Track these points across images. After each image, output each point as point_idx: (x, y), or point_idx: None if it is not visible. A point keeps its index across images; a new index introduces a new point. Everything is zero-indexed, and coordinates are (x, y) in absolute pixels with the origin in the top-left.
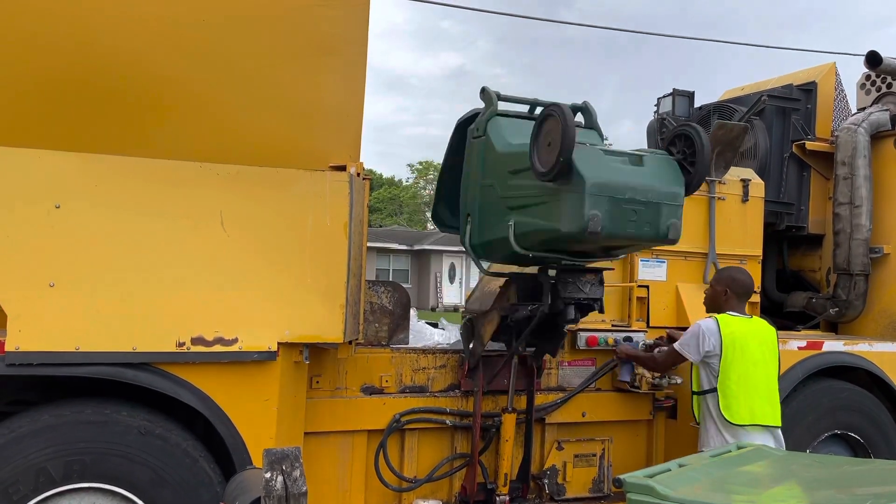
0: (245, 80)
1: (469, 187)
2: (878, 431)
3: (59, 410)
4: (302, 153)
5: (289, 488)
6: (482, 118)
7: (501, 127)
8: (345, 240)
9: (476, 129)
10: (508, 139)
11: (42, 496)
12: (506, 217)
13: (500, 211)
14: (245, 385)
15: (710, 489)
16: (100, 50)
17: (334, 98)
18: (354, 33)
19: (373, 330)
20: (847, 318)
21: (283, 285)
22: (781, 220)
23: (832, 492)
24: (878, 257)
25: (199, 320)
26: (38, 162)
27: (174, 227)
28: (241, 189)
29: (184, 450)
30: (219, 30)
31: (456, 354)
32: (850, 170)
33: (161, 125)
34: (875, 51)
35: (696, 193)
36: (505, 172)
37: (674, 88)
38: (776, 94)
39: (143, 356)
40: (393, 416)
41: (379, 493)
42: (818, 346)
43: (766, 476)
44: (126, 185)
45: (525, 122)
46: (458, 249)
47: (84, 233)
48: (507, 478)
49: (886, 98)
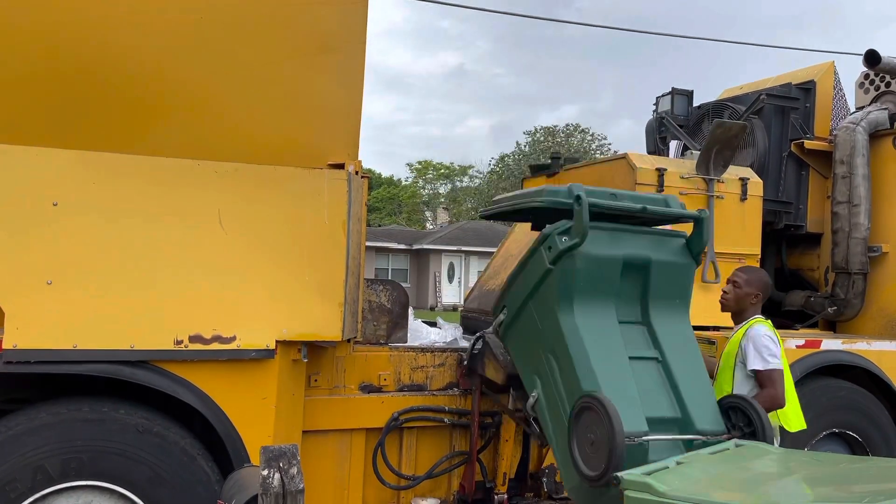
0: (244, 78)
1: (519, 286)
2: (876, 430)
3: (57, 408)
4: (300, 151)
5: (286, 485)
6: (561, 241)
7: (570, 275)
8: (343, 238)
9: (550, 247)
10: (573, 303)
11: (39, 494)
12: (534, 370)
13: (534, 346)
14: (243, 383)
15: (708, 486)
16: (98, 48)
17: (333, 96)
18: (353, 31)
19: (371, 328)
20: (845, 317)
21: (281, 283)
22: (780, 219)
23: (830, 489)
24: (876, 256)
25: (197, 318)
26: (36, 159)
27: (172, 225)
28: (239, 187)
29: (181, 448)
30: (217, 28)
31: (455, 353)
32: (849, 169)
33: (159, 123)
34: (874, 50)
35: (694, 192)
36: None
37: (673, 87)
38: (775, 93)
39: (141, 354)
40: (391, 414)
41: (377, 491)
42: (816, 345)
43: (763, 473)
44: (124, 183)
45: (608, 261)
46: (456, 249)
47: (82, 230)
48: (506, 476)
49: (885, 97)
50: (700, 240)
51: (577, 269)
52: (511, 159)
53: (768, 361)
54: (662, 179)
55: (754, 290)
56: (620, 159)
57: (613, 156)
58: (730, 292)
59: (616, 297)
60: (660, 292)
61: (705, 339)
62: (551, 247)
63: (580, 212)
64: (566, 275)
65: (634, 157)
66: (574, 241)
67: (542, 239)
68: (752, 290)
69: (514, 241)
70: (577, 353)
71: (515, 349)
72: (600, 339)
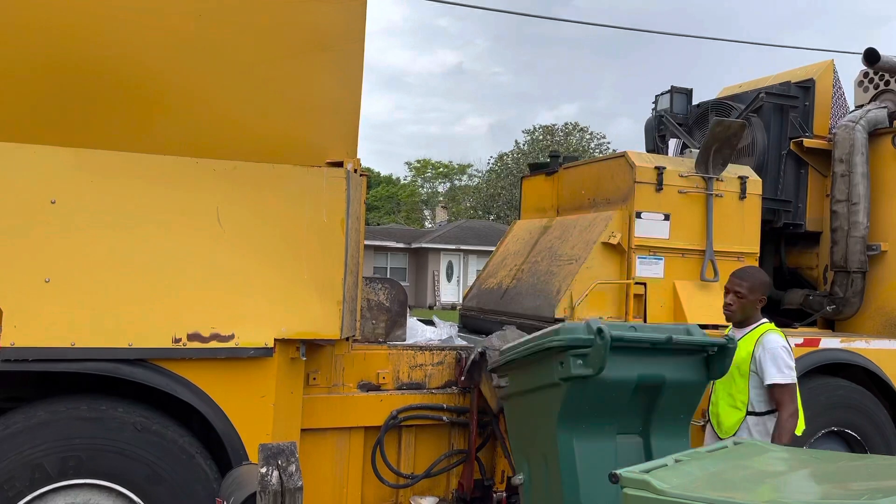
0: (242, 76)
1: (523, 373)
2: (874, 428)
3: (55, 407)
4: (299, 149)
5: (284, 483)
6: (575, 364)
7: (578, 397)
8: (342, 236)
9: (562, 363)
10: (575, 423)
11: (38, 492)
12: (524, 453)
13: (528, 434)
14: (241, 381)
15: (707, 484)
16: (95, 45)
17: (331, 94)
18: (351, 29)
19: (370, 327)
20: (844, 316)
21: (279, 281)
22: (779, 218)
23: (828, 487)
24: (875, 254)
25: (196, 316)
26: (33, 157)
27: (170, 223)
28: (237, 185)
29: (180, 446)
30: (215, 25)
31: (453, 351)
32: (848, 167)
33: (157, 121)
34: (873, 48)
35: (693, 190)
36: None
37: (672, 86)
38: (774, 92)
39: (139, 352)
40: (390, 412)
41: (376, 489)
42: (815, 344)
43: (762, 471)
44: (122, 182)
45: (620, 383)
46: (455, 247)
47: (80, 228)
48: (504, 474)
49: (884, 95)
50: (722, 365)
51: (587, 394)
52: (510, 158)
53: (787, 375)
54: (661, 178)
55: (759, 295)
56: (619, 158)
57: (612, 154)
58: (734, 303)
59: (620, 414)
60: (667, 409)
61: None
62: (563, 363)
63: (600, 347)
64: (574, 396)
65: (633, 155)
66: (588, 372)
67: (556, 348)
68: (757, 296)
69: (513, 240)
70: (567, 478)
71: (511, 420)
72: (595, 462)
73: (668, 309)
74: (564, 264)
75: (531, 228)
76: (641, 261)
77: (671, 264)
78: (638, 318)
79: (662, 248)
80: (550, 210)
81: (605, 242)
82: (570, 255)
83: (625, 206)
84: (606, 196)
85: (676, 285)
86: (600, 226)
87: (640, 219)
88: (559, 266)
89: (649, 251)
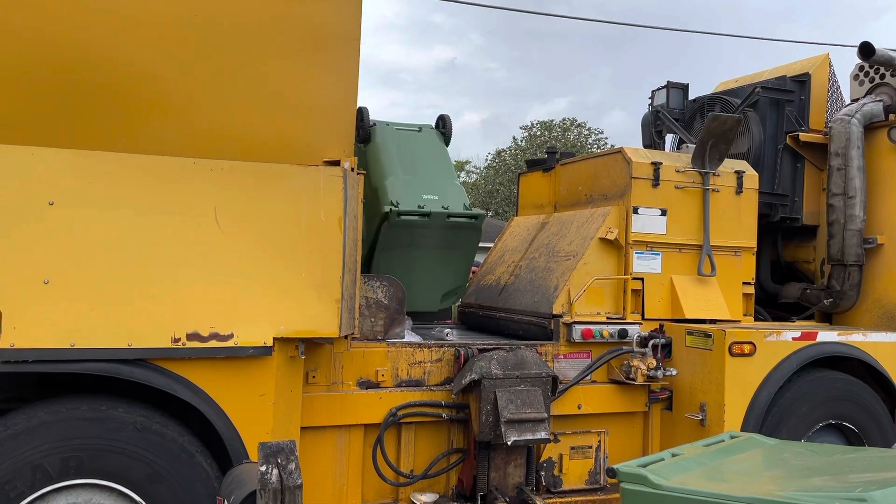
0: (238, 76)
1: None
2: (872, 421)
3: (55, 407)
4: (296, 148)
5: (284, 481)
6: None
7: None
8: (339, 234)
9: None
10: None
11: (39, 493)
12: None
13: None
14: (241, 380)
15: (704, 478)
16: (92, 47)
17: (328, 93)
18: (347, 28)
19: (368, 324)
20: (841, 309)
21: (278, 280)
22: (776, 212)
23: (825, 479)
24: (871, 248)
25: (195, 316)
26: (31, 159)
27: (168, 223)
28: (235, 184)
29: (180, 445)
30: (211, 25)
31: (452, 348)
32: (844, 161)
33: (154, 121)
34: (868, 41)
35: (690, 185)
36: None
37: (668, 81)
38: (770, 86)
39: (139, 352)
40: (389, 410)
41: (375, 487)
42: (812, 337)
43: (759, 465)
44: (120, 182)
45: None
46: None
47: (78, 229)
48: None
49: (880, 89)
50: None
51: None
52: (508, 154)
53: None
54: (658, 173)
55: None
56: (616, 153)
57: (609, 150)
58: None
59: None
60: None
61: (703, 333)
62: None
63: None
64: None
65: (630, 150)
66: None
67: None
68: None
69: (510, 236)
70: None
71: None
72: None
73: (665, 304)
74: (562, 260)
75: (529, 225)
76: (639, 256)
77: (668, 259)
78: (636, 314)
79: (659, 243)
80: (548, 206)
81: (603, 238)
82: (568, 251)
83: (622, 201)
84: (603, 192)
85: (674, 280)
86: (597, 221)
87: (637, 214)
88: (557, 262)
89: (646, 246)
